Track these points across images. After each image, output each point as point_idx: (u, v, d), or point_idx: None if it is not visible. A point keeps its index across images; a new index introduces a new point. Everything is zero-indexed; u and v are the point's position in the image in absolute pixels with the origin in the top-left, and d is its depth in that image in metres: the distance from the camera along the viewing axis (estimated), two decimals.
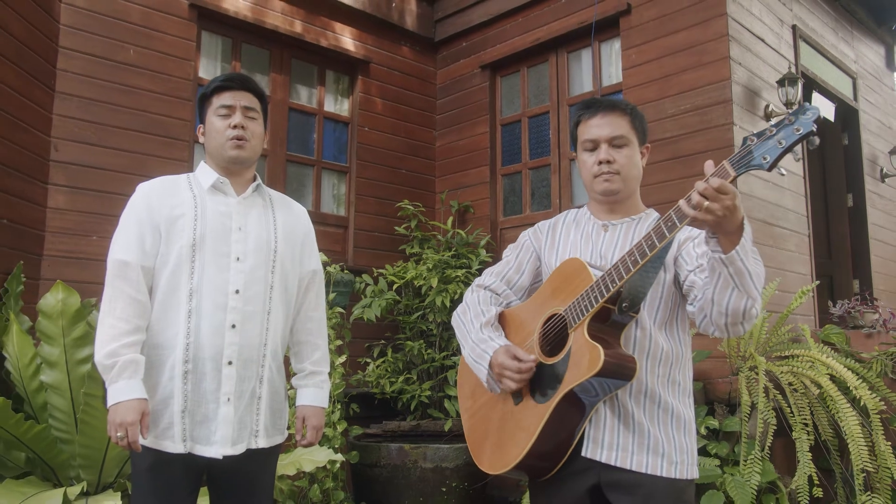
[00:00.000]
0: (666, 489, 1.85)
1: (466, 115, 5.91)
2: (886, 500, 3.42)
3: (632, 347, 1.91)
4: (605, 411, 1.88)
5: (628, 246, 1.97)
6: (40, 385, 3.27)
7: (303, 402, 2.34)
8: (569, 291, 1.90)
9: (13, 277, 3.67)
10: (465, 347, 2.12)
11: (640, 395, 1.90)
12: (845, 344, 4.18)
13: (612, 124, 2.00)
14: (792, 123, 1.56)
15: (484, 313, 2.11)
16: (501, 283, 2.19)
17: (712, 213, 1.59)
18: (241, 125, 2.18)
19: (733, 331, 1.78)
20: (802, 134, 1.54)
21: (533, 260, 2.19)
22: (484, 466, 2.06)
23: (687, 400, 1.98)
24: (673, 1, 4.65)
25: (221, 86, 2.21)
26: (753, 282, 1.70)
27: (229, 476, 2.17)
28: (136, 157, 4.40)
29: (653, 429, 1.88)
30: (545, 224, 2.22)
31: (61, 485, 3.01)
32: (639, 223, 2.04)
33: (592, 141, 2.01)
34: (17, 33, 3.81)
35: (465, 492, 4.18)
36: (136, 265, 2.08)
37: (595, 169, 2.00)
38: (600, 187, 2.01)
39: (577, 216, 2.16)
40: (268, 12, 5.19)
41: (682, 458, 1.89)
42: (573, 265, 1.94)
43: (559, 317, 1.92)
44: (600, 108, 2.03)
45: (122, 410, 1.96)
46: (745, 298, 1.71)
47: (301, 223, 2.38)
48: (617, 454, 1.86)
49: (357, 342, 5.01)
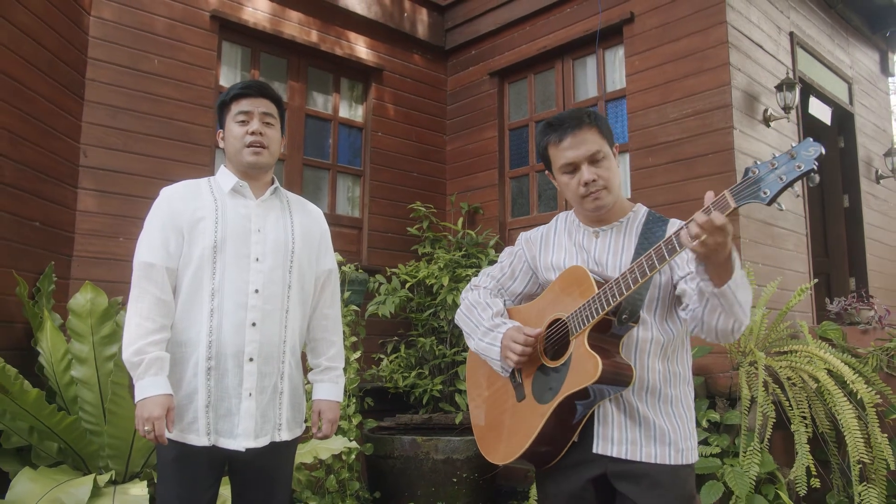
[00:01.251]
0: (670, 476, 1.86)
1: (476, 120, 5.90)
2: (882, 491, 3.40)
3: (632, 348, 1.90)
4: (611, 409, 1.88)
5: (622, 251, 1.97)
6: (71, 379, 3.30)
7: (319, 396, 2.34)
8: (572, 299, 1.91)
9: (45, 277, 3.70)
10: (474, 336, 2.10)
11: (643, 392, 1.90)
12: (842, 340, 4.16)
13: (585, 142, 1.91)
14: (794, 159, 1.51)
15: (491, 306, 2.12)
16: (496, 285, 2.20)
17: (706, 246, 1.59)
18: (259, 131, 2.19)
19: (723, 341, 1.82)
20: (803, 171, 1.49)
21: (525, 269, 2.18)
22: (488, 457, 2.10)
23: (686, 388, 1.98)
24: (675, 9, 4.63)
25: (240, 93, 2.22)
26: (743, 308, 1.73)
27: (251, 467, 2.18)
28: (160, 162, 4.43)
29: (657, 420, 1.88)
30: (537, 233, 2.17)
31: (91, 473, 3.04)
32: (627, 225, 2.01)
33: (571, 164, 1.92)
34: (49, 46, 3.84)
35: (475, 482, 4.18)
36: (160, 267, 2.09)
37: (581, 190, 1.92)
38: (591, 206, 1.95)
39: (567, 223, 2.12)
40: (285, 23, 5.21)
41: (686, 444, 1.90)
42: (577, 273, 1.93)
43: (562, 322, 1.92)
44: (567, 128, 1.92)
45: (149, 406, 1.97)
46: (733, 321, 1.74)
47: (317, 224, 2.38)
48: (626, 448, 1.86)
49: (371, 339, 5.03)
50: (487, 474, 4.24)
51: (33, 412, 2.99)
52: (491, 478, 4.29)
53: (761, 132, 4.55)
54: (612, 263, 1.97)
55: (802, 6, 5.46)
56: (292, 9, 5.25)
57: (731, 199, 1.58)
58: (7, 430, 3.12)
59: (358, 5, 5.54)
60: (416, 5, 5.96)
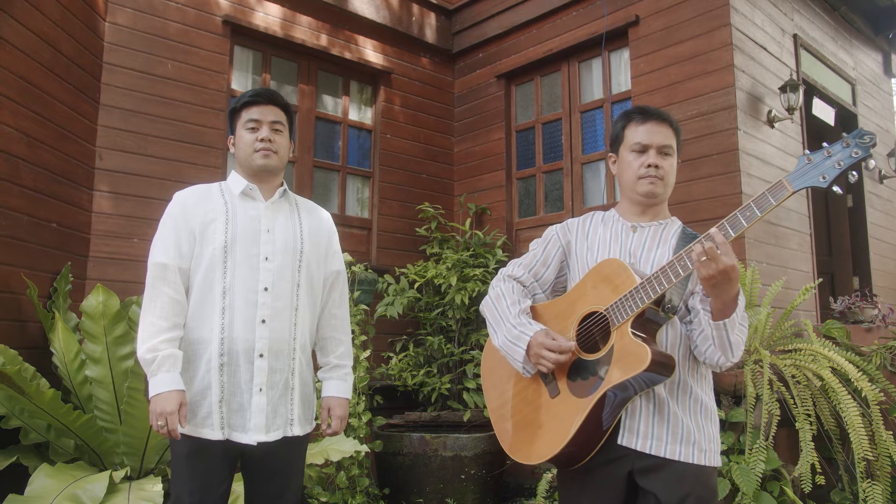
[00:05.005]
0: (694, 473, 1.86)
1: (483, 122, 5.90)
2: (886, 487, 3.38)
3: (666, 343, 1.90)
4: (640, 402, 1.87)
5: (657, 247, 1.97)
6: (85, 379, 3.32)
7: (328, 393, 2.35)
8: (609, 291, 1.87)
9: (62, 277, 3.72)
10: (498, 332, 2.04)
11: (675, 387, 1.89)
12: (846, 338, 4.13)
13: (662, 133, 2.00)
14: (849, 147, 1.58)
15: (520, 302, 2.06)
16: (529, 275, 2.14)
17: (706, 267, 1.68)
18: (269, 138, 2.22)
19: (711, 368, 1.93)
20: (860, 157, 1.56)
21: (559, 255, 2.13)
22: (517, 457, 2.01)
23: (711, 392, 1.99)
24: (679, 12, 4.61)
25: (249, 101, 2.24)
26: (732, 349, 1.80)
27: (263, 462, 2.19)
28: (173, 165, 4.45)
29: (685, 419, 1.88)
30: (574, 222, 2.17)
31: (107, 469, 3.05)
32: (665, 228, 2.03)
33: (643, 144, 1.99)
34: (66, 51, 3.86)
35: (482, 479, 4.17)
36: (173, 267, 2.12)
37: (642, 171, 1.98)
38: (644, 189, 1.99)
39: (605, 217, 2.13)
40: (296, 27, 5.22)
41: (709, 447, 1.89)
42: (613, 265, 1.90)
43: (599, 315, 1.89)
44: (652, 115, 2.02)
45: (162, 401, 1.99)
46: (720, 355, 1.82)
47: (325, 227, 2.40)
48: (652, 443, 1.85)
49: (380, 337, 5.03)
50: (495, 471, 4.23)
51: (50, 411, 3.01)
52: (499, 474, 4.28)
53: (765, 133, 4.53)
54: (645, 258, 1.97)
55: (806, 8, 5.43)
56: (303, 13, 5.27)
57: (788, 184, 1.64)
58: (25, 426, 3.14)
59: (367, 10, 5.55)
60: (424, 9, 5.96)
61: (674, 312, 1.86)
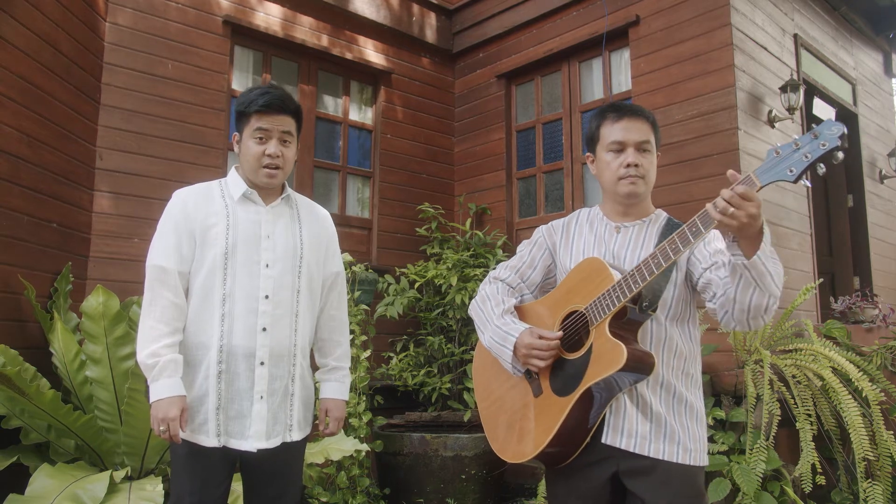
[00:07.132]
0: (680, 474, 1.84)
1: (483, 122, 5.89)
2: (886, 487, 3.38)
3: (649, 342, 1.88)
4: (624, 401, 1.86)
5: (640, 247, 1.95)
6: (85, 379, 3.31)
7: (326, 395, 2.34)
8: (589, 290, 1.87)
9: (62, 277, 3.72)
10: (485, 333, 2.06)
11: (658, 387, 1.88)
12: (846, 338, 4.13)
13: (639, 129, 1.95)
14: (817, 138, 1.53)
15: (504, 302, 2.07)
16: (516, 276, 2.14)
17: (737, 219, 1.58)
18: (276, 154, 2.14)
19: (754, 324, 1.78)
20: (828, 149, 1.52)
21: (546, 257, 2.14)
22: (505, 456, 2.03)
23: (698, 392, 1.97)
24: (680, 12, 4.61)
25: (261, 109, 2.13)
26: (774, 281, 1.70)
27: (263, 466, 2.18)
28: (174, 165, 4.44)
29: (669, 418, 1.86)
30: (559, 223, 2.17)
31: (107, 469, 3.05)
32: (649, 225, 2.01)
33: (620, 143, 1.95)
34: (66, 51, 3.86)
35: (483, 479, 4.17)
36: (173, 270, 2.09)
37: (621, 171, 1.94)
38: (625, 189, 1.96)
39: (590, 217, 2.11)
40: (296, 27, 5.22)
41: (695, 446, 1.88)
42: (593, 265, 1.89)
43: (579, 314, 1.88)
44: (627, 112, 1.97)
45: (164, 406, 1.98)
46: (767, 296, 1.71)
47: (325, 228, 2.37)
48: (636, 441, 1.84)
49: (381, 337, 5.02)
50: (496, 471, 4.23)
51: (50, 411, 3.01)
52: (499, 475, 4.28)
53: (766, 133, 4.52)
54: (629, 258, 1.95)
55: (806, 8, 5.42)
56: (303, 13, 5.26)
57: (756, 178, 1.59)
58: (26, 426, 3.13)
59: (367, 10, 5.54)
60: (425, 9, 5.95)
61: (653, 310, 1.84)
